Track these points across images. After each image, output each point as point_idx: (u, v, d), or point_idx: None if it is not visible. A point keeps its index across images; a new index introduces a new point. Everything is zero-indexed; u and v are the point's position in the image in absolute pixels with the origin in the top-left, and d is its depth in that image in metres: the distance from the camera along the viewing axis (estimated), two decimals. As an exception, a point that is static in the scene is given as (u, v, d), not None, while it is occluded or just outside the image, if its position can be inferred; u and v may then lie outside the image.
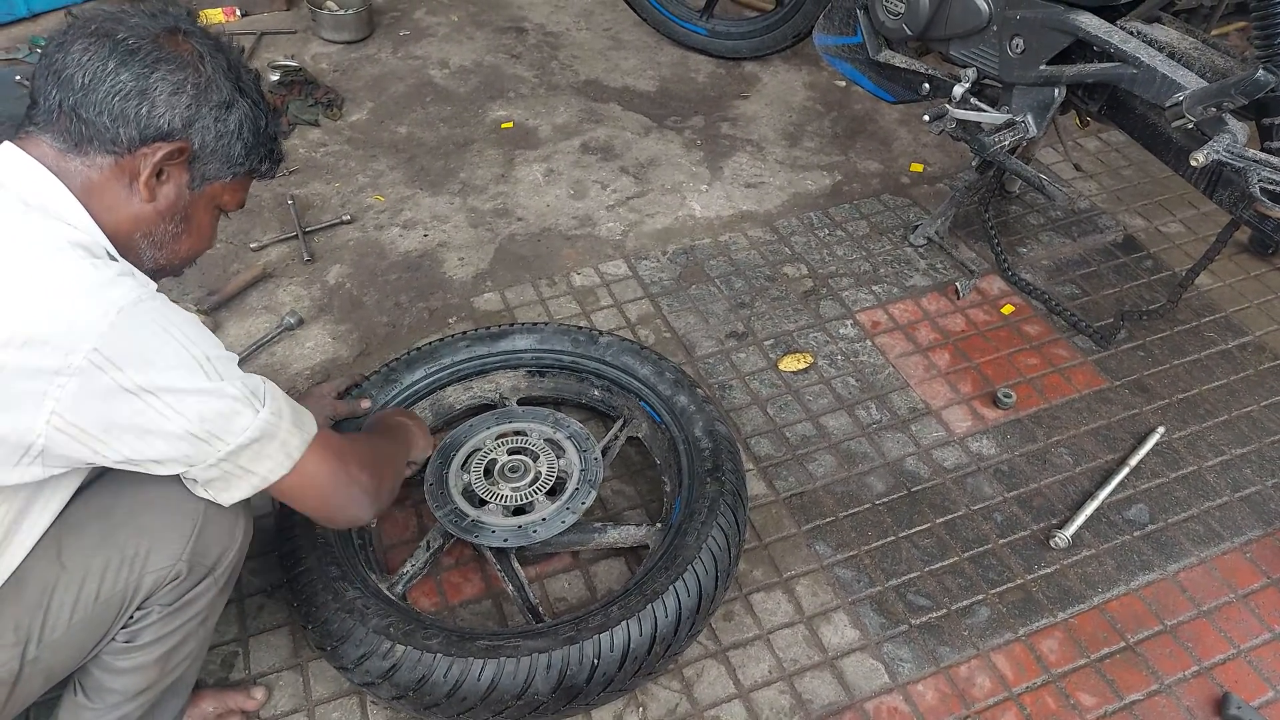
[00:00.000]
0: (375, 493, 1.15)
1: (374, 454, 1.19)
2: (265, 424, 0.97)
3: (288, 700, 1.37)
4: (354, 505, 1.12)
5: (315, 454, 1.05)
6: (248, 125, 1.02)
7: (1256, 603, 1.53)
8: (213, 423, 0.94)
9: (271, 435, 0.99)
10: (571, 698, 1.25)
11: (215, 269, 2.08)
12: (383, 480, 1.18)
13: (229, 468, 0.98)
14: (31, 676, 1.00)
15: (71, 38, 0.94)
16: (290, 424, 1.01)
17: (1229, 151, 1.50)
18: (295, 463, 1.02)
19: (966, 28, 1.85)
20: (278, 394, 1.02)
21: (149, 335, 0.90)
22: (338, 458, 1.09)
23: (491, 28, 2.98)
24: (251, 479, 1.00)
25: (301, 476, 1.04)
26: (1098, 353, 1.96)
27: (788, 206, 2.32)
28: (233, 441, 0.96)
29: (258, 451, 0.99)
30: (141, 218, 0.99)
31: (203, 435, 0.93)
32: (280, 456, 1.01)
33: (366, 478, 1.12)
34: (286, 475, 1.02)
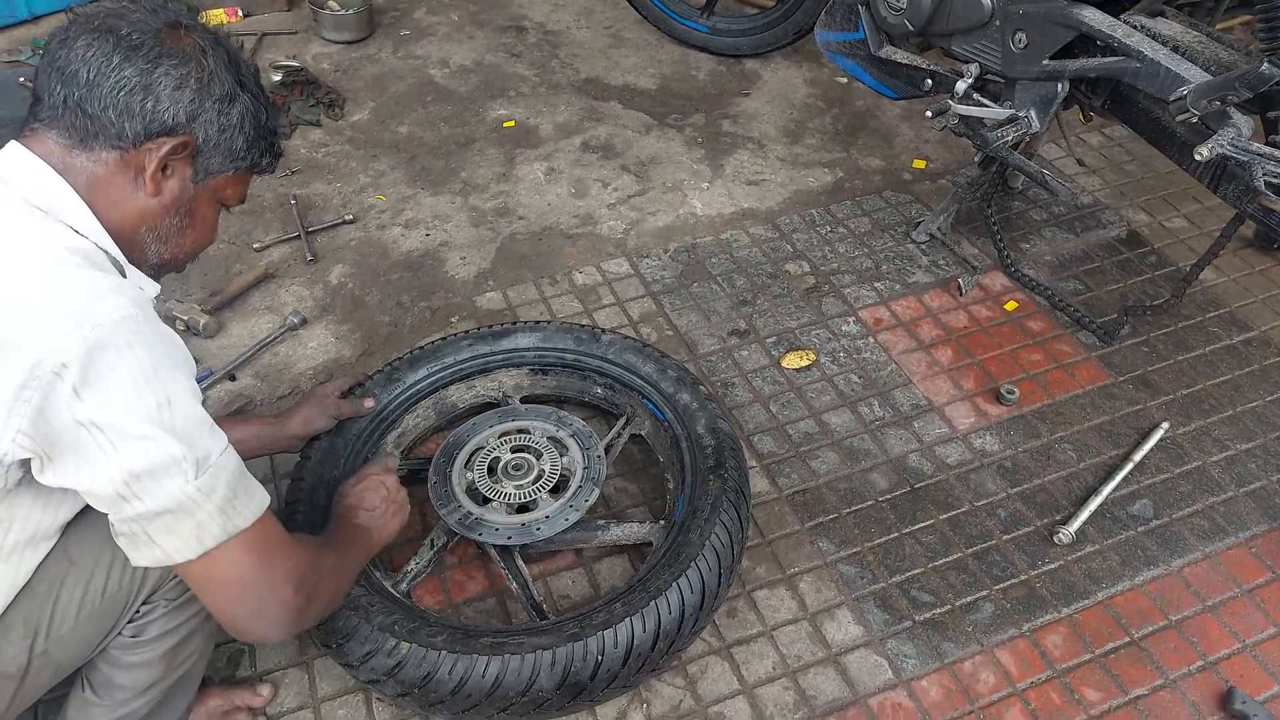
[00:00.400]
0: (296, 613, 1.01)
1: (314, 567, 1.05)
2: (185, 498, 0.89)
3: (293, 697, 1.38)
4: (263, 620, 0.99)
5: (236, 550, 0.94)
6: (249, 119, 1.02)
7: (1261, 597, 1.53)
8: (137, 478, 0.87)
9: (188, 512, 0.90)
10: (576, 694, 1.26)
11: (218, 269, 2.08)
12: (313, 600, 1.04)
13: (137, 529, 0.91)
14: (40, 670, 1.01)
15: (75, 34, 0.94)
16: (216, 507, 0.91)
17: (1233, 145, 1.49)
18: (205, 550, 0.92)
19: (969, 23, 1.85)
20: (225, 469, 0.92)
21: (117, 360, 0.86)
22: (264, 562, 0.97)
23: (492, 27, 2.98)
24: (155, 551, 0.92)
25: (210, 568, 0.94)
26: (1101, 348, 1.95)
27: (789, 204, 2.32)
28: (148, 504, 0.88)
29: (168, 525, 0.90)
30: (147, 212, 0.99)
31: (125, 484, 0.87)
32: (190, 538, 0.91)
33: (291, 594, 0.99)
34: (193, 561, 0.93)
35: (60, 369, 0.84)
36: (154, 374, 0.87)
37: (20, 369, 0.83)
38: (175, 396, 0.89)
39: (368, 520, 1.28)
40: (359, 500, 1.31)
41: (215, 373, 1.84)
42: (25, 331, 0.84)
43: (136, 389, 0.86)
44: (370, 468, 1.38)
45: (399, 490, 1.35)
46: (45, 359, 0.84)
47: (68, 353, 0.84)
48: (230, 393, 1.83)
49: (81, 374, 0.84)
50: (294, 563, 1.01)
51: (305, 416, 1.50)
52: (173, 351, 0.91)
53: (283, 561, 1.00)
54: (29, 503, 0.96)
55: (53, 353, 0.84)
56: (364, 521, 1.28)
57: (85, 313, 0.86)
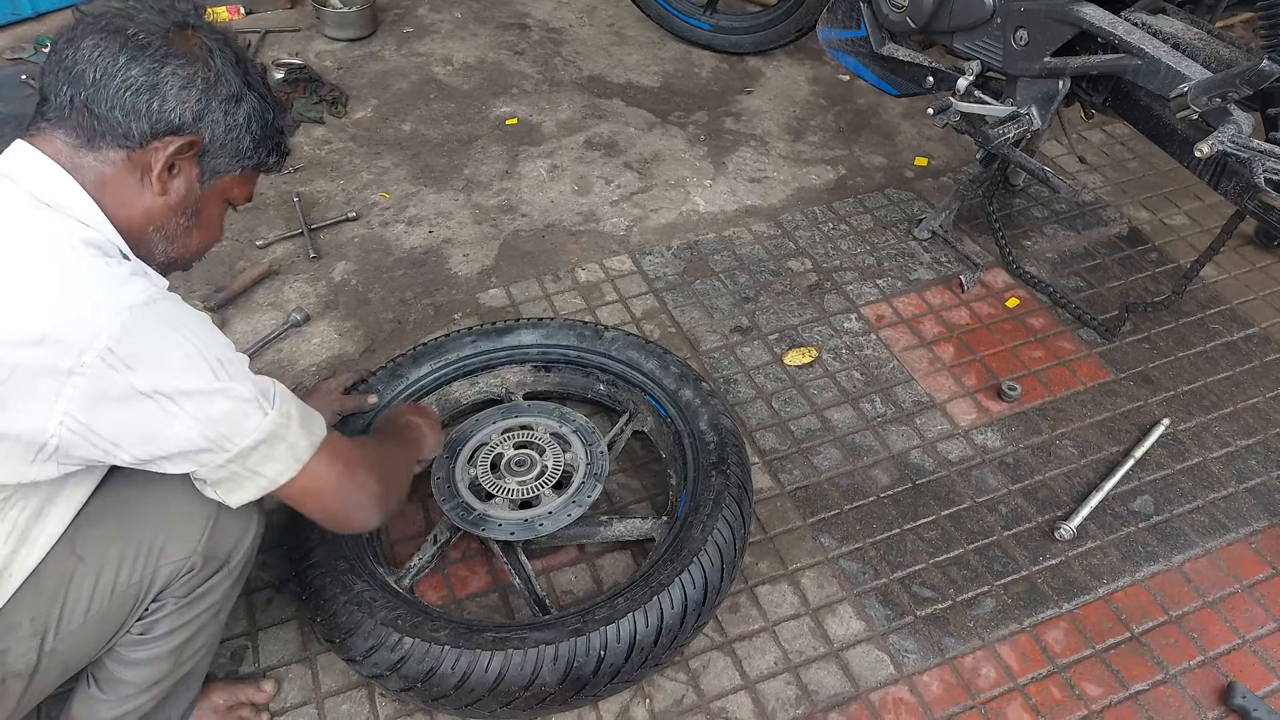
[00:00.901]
0: (383, 498, 1.13)
1: (382, 458, 1.18)
2: (273, 426, 0.97)
3: (297, 693, 1.39)
4: (361, 511, 1.11)
5: (323, 458, 1.04)
6: (256, 118, 1.03)
7: (1262, 593, 1.53)
8: (221, 424, 0.93)
9: (279, 437, 0.98)
10: (578, 689, 1.26)
11: (222, 266, 2.09)
12: (390, 485, 1.16)
13: (236, 469, 0.97)
14: (49, 668, 1.01)
15: (81, 33, 0.94)
16: (299, 426, 1.01)
17: (1234, 142, 1.49)
18: (303, 466, 1.01)
19: (970, 20, 1.85)
20: (287, 396, 1.01)
21: (160, 335, 0.90)
22: (345, 462, 1.07)
23: (495, 24, 2.98)
24: (259, 481, 1.00)
25: (309, 480, 1.03)
26: (1103, 345, 1.96)
27: (792, 201, 2.32)
28: (240, 443, 0.95)
29: (265, 454, 0.98)
30: (154, 212, 1.00)
31: (211, 436, 0.93)
32: (288, 459, 1.00)
33: (374, 483, 1.11)
34: (294, 478, 1.01)
35: (105, 353, 0.87)
36: (196, 338, 0.93)
37: (67, 356, 0.86)
38: (222, 351, 0.95)
39: (410, 422, 1.42)
40: (398, 413, 1.45)
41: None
42: (65, 322, 0.87)
43: (186, 354, 0.91)
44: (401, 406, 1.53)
45: (434, 416, 1.49)
46: (90, 345, 0.86)
47: (110, 337, 0.87)
48: (234, 389, 1.83)
49: (131, 353, 0.88)
50: (369, 458, 1.13)
51: (309, 412, 1.51)
52: (200, 317, 0.97)
53: (359, 460, 1.10)
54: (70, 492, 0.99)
55: (98, 338, 0.87)
56: (410, 422, 1.42)
57: (115, 298, 0.89)
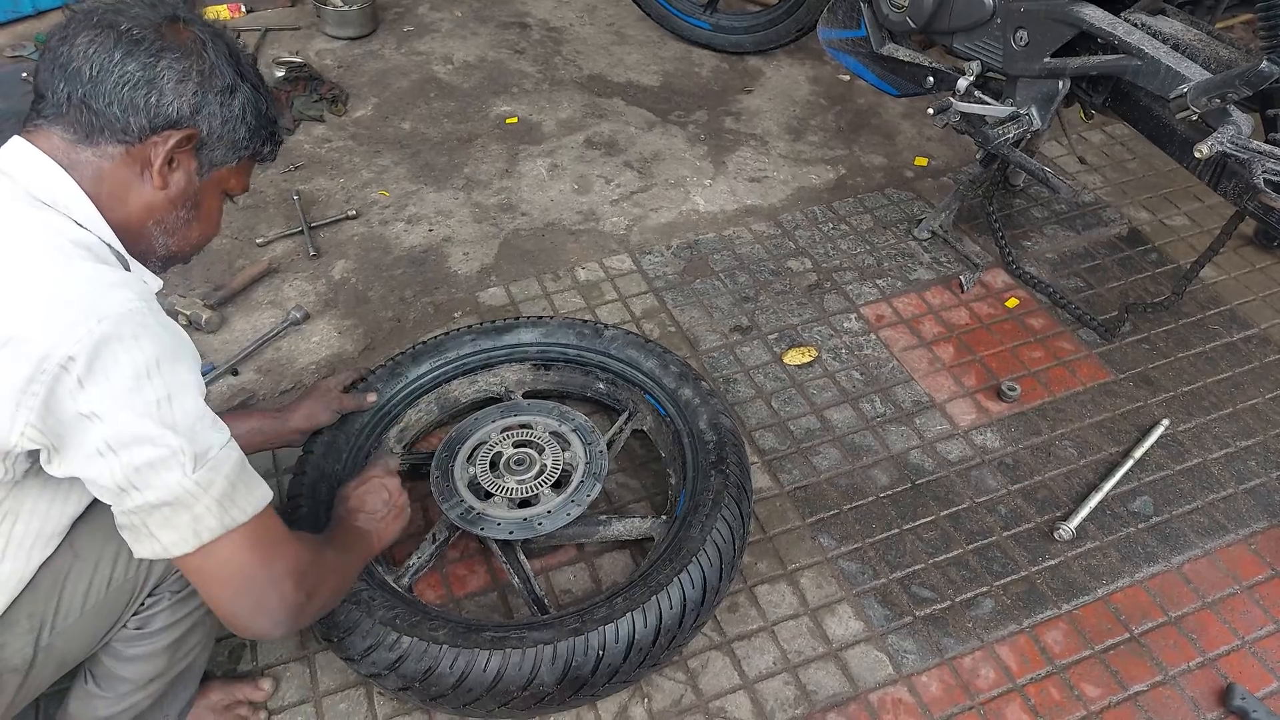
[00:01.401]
0: (296, 609, 1.00)
1: (315, 564, 1.04)
2: (182, 491, 0.89)
3: (295, 691, 1.38)
4: (264, 616, 0.97)
5: (235, 545, 0.94)
6: (250, 109, 1.03)
7: (1261, 594, 1.53)
8: (136, 471, 0.87)
9: (185, 505, 0.90)
10: (577, 689, 1.26)
11: (221, 264, 2.09)
12: (313, 597, 1.03)
13: (137, 521, 0.91)
14: (45, 663, 1.01)
15: (74, 30, 0.94)
16: (214, 501, 0.91)
17: (1233, 143, 1.49)
18: (202, 544, 0.92)
19: (970, 20, 1.85)
20: (224, 463, 0.92)
21: (122, 353, 0.86)
22: (264, 557, 0.96)
23: (495, 23, 2.98)
24: (154, 543, 0.92)
25: (207, 562, 0.93)
26: (1102, 346, 1.96)
27: (791, 201, 2.32)
28: (146, 497, 0.89)
29: (166, 518, 0.90)
30: (154, 206, 1.00)
31: (121, 480, 0.88)
32: (186, 531, 0.91)
33: (291, 589, 0.98)
34: (189, 554, 0.92)
35: (67, 361, 0.84)
36: (157, 367, 0.88)
37: (29, 362, 0.84)
38: (176, 390, 0.89)
39: (368, 523, 1.27)
40: (360, 503, 1.30)
41: (218, 367, 1.84)
42: (33, 325, 0.85)
43: (138, 382, 0.87)
44: (372, 470, 1.36)
45: (400, 493, 1.34)
46: (53, 352, 0.84)
47: (75, 345, 0.84)
48: (233, 387, 1.83)
49: (87, 366, 0.84)
50: (295, 559, 1.00)
51: (308, 411, 1.50)
52: (178, 345, 0.91)
53: (283, 557, 0.99)
54: (35, 494, 0.96)
55: (60, 346, 0.84)
56: (364, 525, 1.27)
57: (92, 306, 0.86)
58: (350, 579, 1.20)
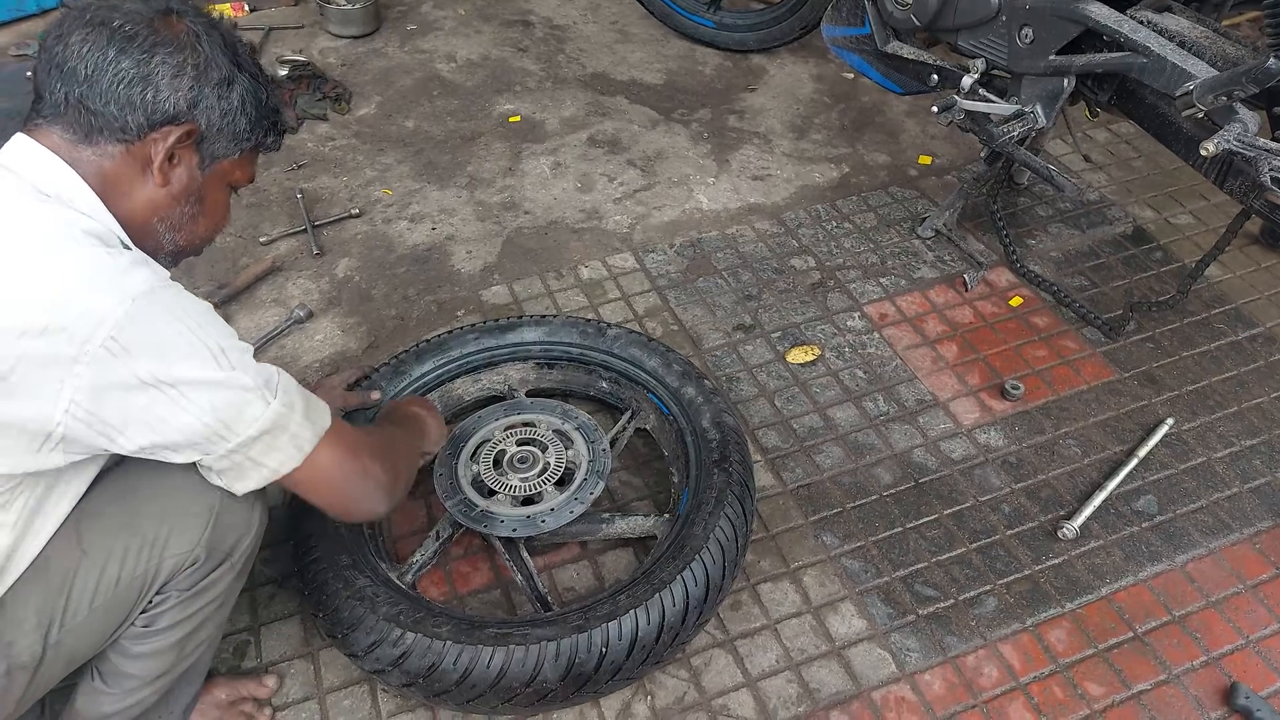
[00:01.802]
0: (390, 486, 1.13)
1: (388, 446, 1.18)
2: (276, 415, 0.97)
3: (299, 688, 1.39)
4: (369, 499, 1.11)
5: (328, 447, 1.04)
6: (250, 100, 1.03)
7: (1265, 593, 1.53)
8: (224, 413, 0.94)
9: (282, 427, 0.98)
10: (580, 685, 1.26)
11: (225, 262, 2.09)
12: (398, 473, 1.16)
13: (240, 459, 0.98)
14: (53, 661, 1.02)
15: (68, 29, 0.94)
16: (302, 416, 1.01)
17: (1240, 141, 1.49)
18: (306, 455, 1.02)
19: (975, 18, 1.84)
20: (291, 385, 1.01)
21: (163, 324, 0.90)
22: (351, 451, 1.07)
23: (498, 21, 2.98)
24: (262, 470, 1.00)
25: (314, 469, 1.03)
26: (1106, 344, 1.95)
27: (795, 199, 2.32)
28: (244, 433, 0.96)
29: (269, 444, 0.98)
30: (157, 203, 1.00)
31: (215, 426, 0.94)
32: (291, 449, 1.00)
33: (380, 470, 1.11)
34: (298, 468, 1.02)
35: (108, 342, 0.87)
36: (199, 327, 0.93)
37: (71, 345, 0.87)
38: (224, 341, 0.95)
39: (413, 413, 1.41)
40: (406, 404, 1.46)
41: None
42: (67, 312, 0.87)
43: (189, 343, 0.91)
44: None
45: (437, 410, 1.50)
46: (93, 334, 0.87)
47: (114, 325, 0.87)
48: (237, 385, 1.84)
49: (134, 341, 0.88)
50: (375, 446, 1.12)
51: (312, 408, 1.51)
52: (203, 306, 0.97)
53: (365, 448, 1.10)
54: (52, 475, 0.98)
55: (101, 327, 0.87)
56: (415, 412, 1.42)
57: (118, 286, 0.89)
58: (415, 460, 1.33)
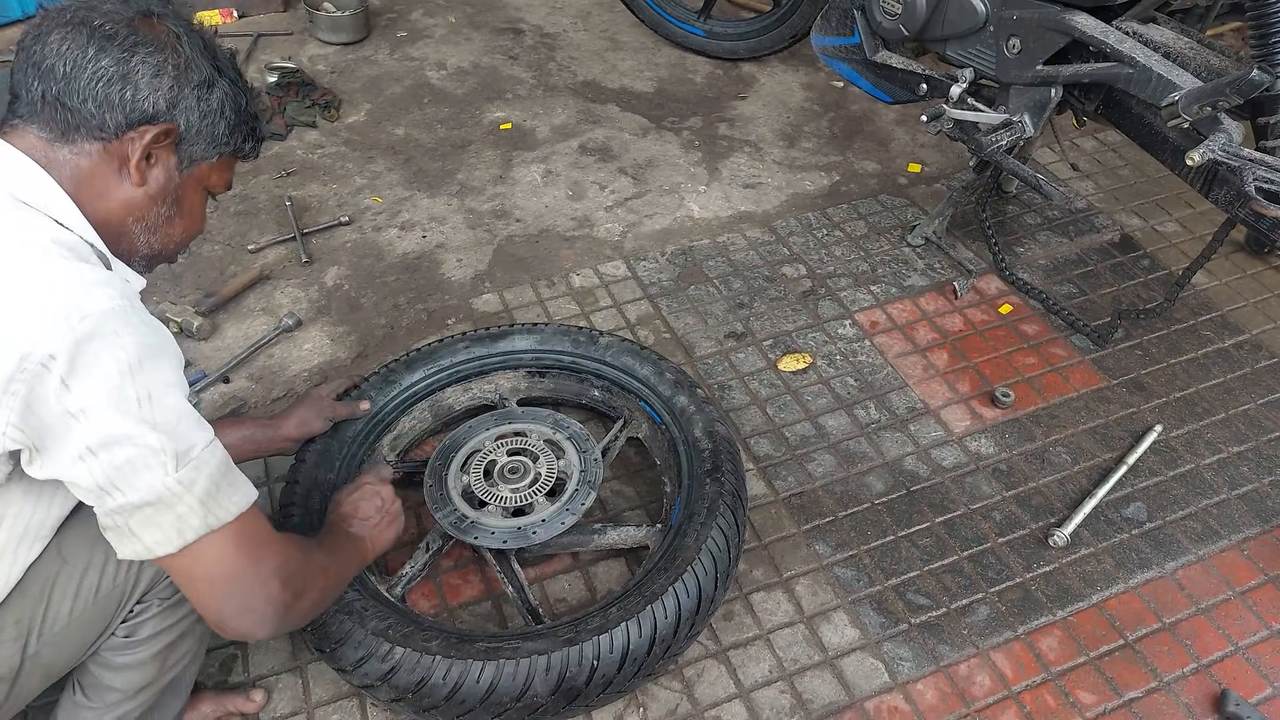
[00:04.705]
0: (283, 609, 0.99)
1: (304, 566, 1.04)
2: (165, 490, 0.88)
3: (287, 703, 1.37)
4: (249, 616, 0.97)
5: (219, 544, 0.93)
6: (229, 104, 1.02)
7: (1254, 600, 1.54)
8: (117, 470, 0.87)
9: (168, 505, 0.89)
10: (571, 699, 1.25)
11: (213, 271, 2.08)
12: (300, 598, 1.02)
13: (120, 521, 0.90)
14: (32, 672, 1.00)
15: (47, 29, 0.93)
16: (197, 500, 0.90)
17: (1224, 150, 1.50)
18: (185, 545, 0.91)
19: (963, 28, 1.86)
20: (208, 463, 0.91)
21: (103, 354, 0.85)
22: (251, 555, 0.96)
23: (489, 29, 2.98)
24: (136, 544, 0.91)
25: (192, 562, 0.93)
26: (1095, 352, 1.96)
27: (786, 207, 2.32)
28: (127, 497, 0.88)
29: (148, 517, 0.89)
30: (133, 203, 0.98)
31: (102, 480, 0.87)
32: (170, 531, 0.91)
33: (277, 589, 0.97)
34: (174, 554, 0.92)
35: (48, 360, 0.84)
36: (140, 365, 0.87)
37: (9, 361, 0.83)
38: (158, 389, 0.88)
39: (361, 529, 1.27)
40: (354, 509, 1.29)
41: (209, 375, 1.83)
42: (13, 324, 0.84)
43: (120, 380, 0.86)
44: (366, 476, 1.36)
45: (394, 500, 1.33)
46: (33, 351, 0.83)
47: (56, 344, 0.84)
48: (224, 395, 1.82)
49: (69, 365, 0.84)
50: (281, 558, 0.99)
51: (300, 419, 1.49)
52: (160, 343, 0.91)
53: (269, 556, 0.98)
54: (20, 498, 0.95)
55: (41, 344, 0.84)
56: (358, 530, 1.27)
57: (73, 304, 0.85)
58: (341, 583, 1.19)
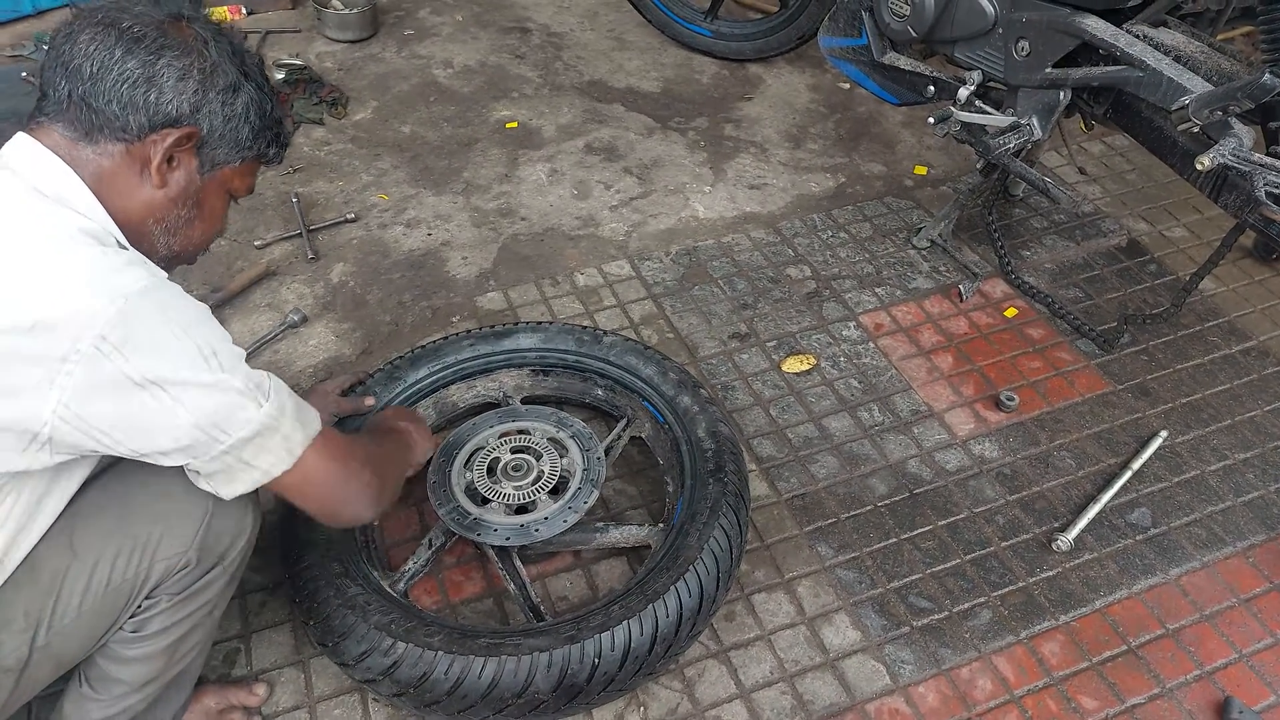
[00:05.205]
0: (378, 492, 1.14)
1: (377, 454, 1.20)
2: (267, 418, 0.97)
3: (289, 697, 1.38)
4: (356, 503, 1.12)
5: (318, 451, 1.04)
6: (254, 109, 1.03)
7: (1259, 607, 1.53)
8: (215, 416, 0.94)
9: (273, 430, 0.99)
10: (572, 697, 1.25)
11: (219, 266, 2.08)
12: (385, 480, 1.18)
13: (231, 461, 0.98)
14: (40, 663, 1.01)
15: (78, 29, 0.95)
16: (293, 420, 1.01)
17: (1235, 155, 1.50)
18: (297, 459, 1.02)
19: (971, 30, 1.85)
20: (282, 389, 1.01)
21: (156, 325, 0.90)
22: (340, 455, 1.08)
23: (495, 28, 2.98)
24: (253, 473, 1.00)
25: (304, 473, 1.03)
26: (1101, 356, 1.96)
27: (791, 208, 2.32)
28: (235, 435, 0.95)
29: (260, 446, 0.98)
30: (154, 204, 1.00)
31: (205, 428, 0.93)
32: (281, 452, 1.01)
33: (369, 476, 1.12)
34: (288, 471, 1.02)
35: (99, 341, 0.86)
36: (192, 327, 0.93)
37: (61, 344, 0.86)
38: (217, 343, 0.95)
39: (404, 428, 1.41)
40: (394, 416, 1.45)
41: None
42: (58, 310, 0.86)
43: (181, 344, 0.91)
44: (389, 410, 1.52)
45: (422, 420, 1.50)
46: (83, 333, 0.86)
47: (105, 325, 0.87)
48: (230, 390, 1.82)
49: (125, 340, 0.87)
50: (362, 452, 1.14)
51: (305, 414, 1.51)
52: (198, 306, 0.96)
53: (355, 453, 1.12)
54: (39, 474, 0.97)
55: (90, 327, 0.86)
56: (402, 428, 1.41)
57: (111, 286, 0.89)
58: (401, 470, 1.32)
